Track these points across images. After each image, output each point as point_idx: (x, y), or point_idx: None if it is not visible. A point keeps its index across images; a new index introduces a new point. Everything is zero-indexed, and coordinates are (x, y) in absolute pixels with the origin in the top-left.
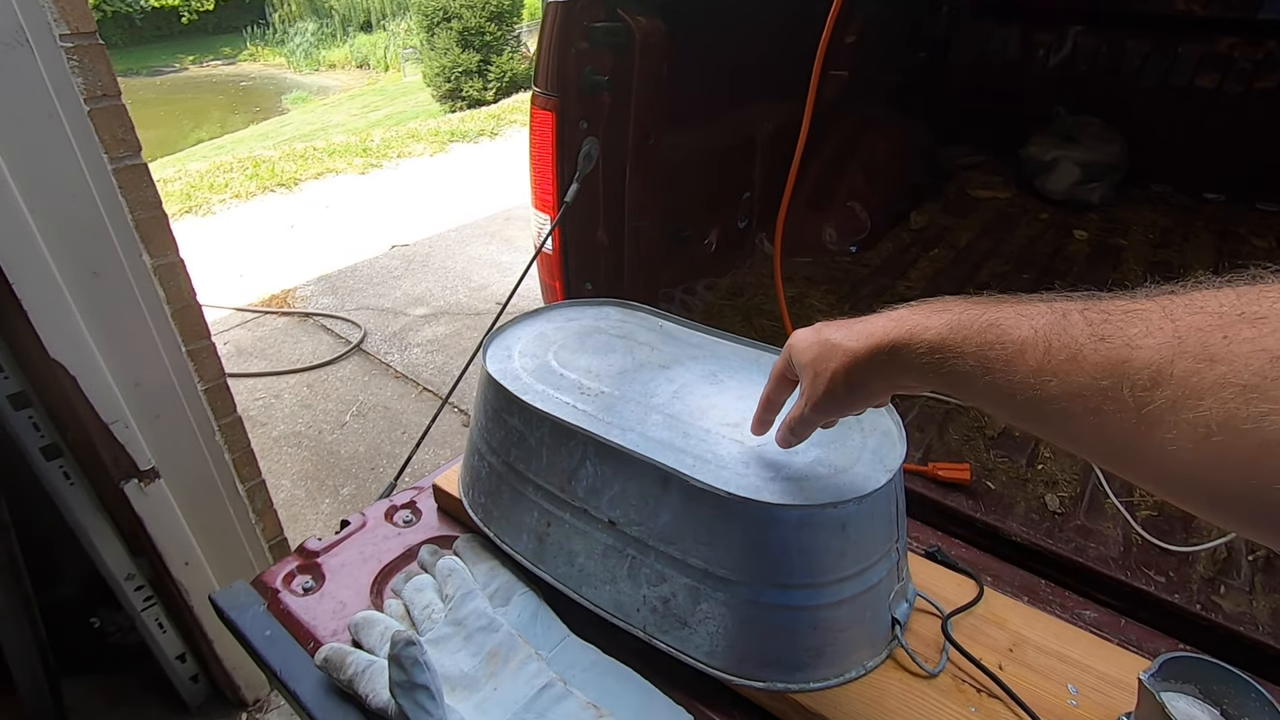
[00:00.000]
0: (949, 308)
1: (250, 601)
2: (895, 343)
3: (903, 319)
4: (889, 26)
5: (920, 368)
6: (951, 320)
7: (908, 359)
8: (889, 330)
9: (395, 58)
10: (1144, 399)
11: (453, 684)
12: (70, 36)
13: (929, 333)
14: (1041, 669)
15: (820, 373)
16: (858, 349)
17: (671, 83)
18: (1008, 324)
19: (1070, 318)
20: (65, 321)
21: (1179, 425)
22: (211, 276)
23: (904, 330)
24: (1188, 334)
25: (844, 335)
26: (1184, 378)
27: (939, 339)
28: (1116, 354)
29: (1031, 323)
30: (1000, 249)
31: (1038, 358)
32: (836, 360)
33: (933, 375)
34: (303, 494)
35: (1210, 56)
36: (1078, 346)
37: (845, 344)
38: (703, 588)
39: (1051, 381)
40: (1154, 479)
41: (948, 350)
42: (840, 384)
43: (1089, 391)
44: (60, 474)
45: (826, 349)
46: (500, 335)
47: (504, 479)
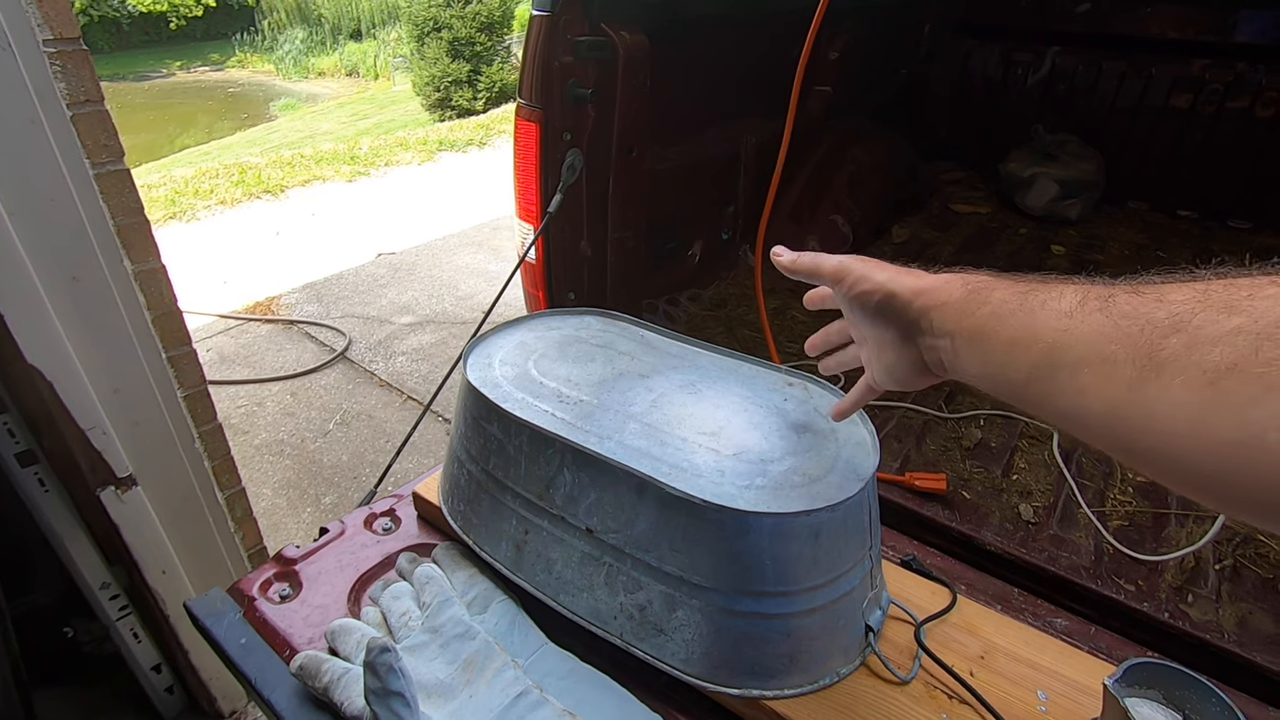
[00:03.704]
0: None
1: (226, 609)
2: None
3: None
4: (872, 44)
5: (964, 301)
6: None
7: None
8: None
9: (385, 66)
10: (1158, 345)
11: (428, 691)
12: (53, 42)
13: (971, 278)
14: (1012, 676)
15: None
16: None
17: (655, 96)
18: (1053, 281)
19: (1116, 286)
20: (43, 326)
21: (1186, 369)
22: (196, 283)
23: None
24: (1215, 292)
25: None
26: (1200, 326)
27: (983, 282)
28: (1145, 305)
29: (1077, 287)
30: (980, 263)
31: (1072, 302)
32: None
33: (973, 309)
34: (284, 503)
35: (1183, 78)
36: (1110, 295)
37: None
38: (678, 595)
39: (1081, 325)
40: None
41: (993, 289)
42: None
43: (1109, 334)
44: (35, 481)
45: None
46: (481, 344)
47: (483, 487)
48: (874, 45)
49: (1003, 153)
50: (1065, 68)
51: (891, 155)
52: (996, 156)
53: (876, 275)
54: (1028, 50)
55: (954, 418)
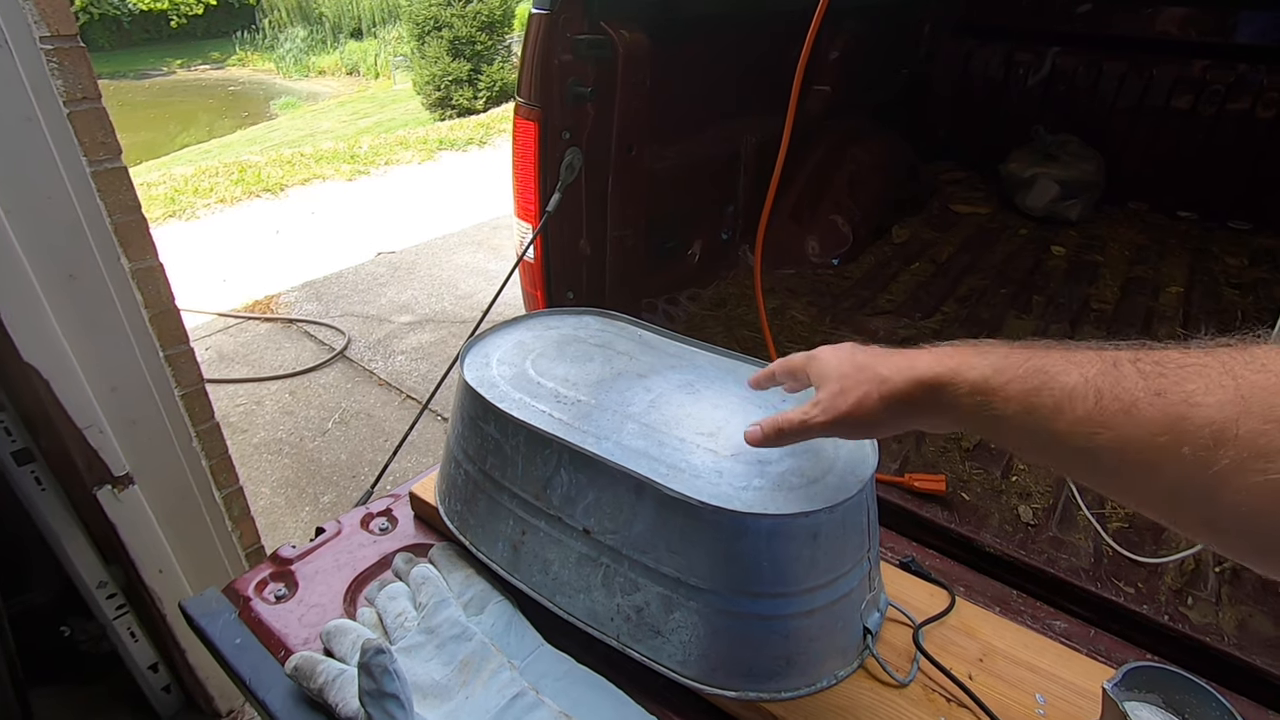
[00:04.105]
0: (992, 350)
1: (221, 609)
2: (938, 380)
3: (944, 356)
4: (872, 43)
5: (961, 409)
6: (995, 362)
7: (949, 399)
8: (931, 366)
9: (385, 65)
10: (1206, 458)
11: (424, 693)
12: (50, 39)
13: (973, 372)
14: (1010, 679)
15: (848, 390)
16: (897, 380)
17: (655, 95)
18: (1055, 370)
19: (1122, 368)
20: (40, 324)
21: (1249, 488)
22: (195, 281)
23: (947, 368)
24: (1251, 393)
25: (881, 363)
26: (1250, 439)
27: (982, 380)
28: (1174, 410)
29: (1081, 370)
30: (980, 263)
31: (1087, 407)
32: (872, 385)
33: (973, 418)
34: (283, 502)
35: (1184, 79)
36: (1131, 399)
37: (883, 371)
38: (675, 597)
39: (1102, 434)
40: (1217, 533)
41: (991, 393)
42: (870, 410)
43: (1145, 447)
44: (32, 479)
45: (862, 370)
46: (479, 343)
47: (480, 487)
48: (874, 45)
49: (1003, 153)
50: (1066, 68)
51: (891, 155)
52: (997, 157)
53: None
54: (1028, 50)
55: None
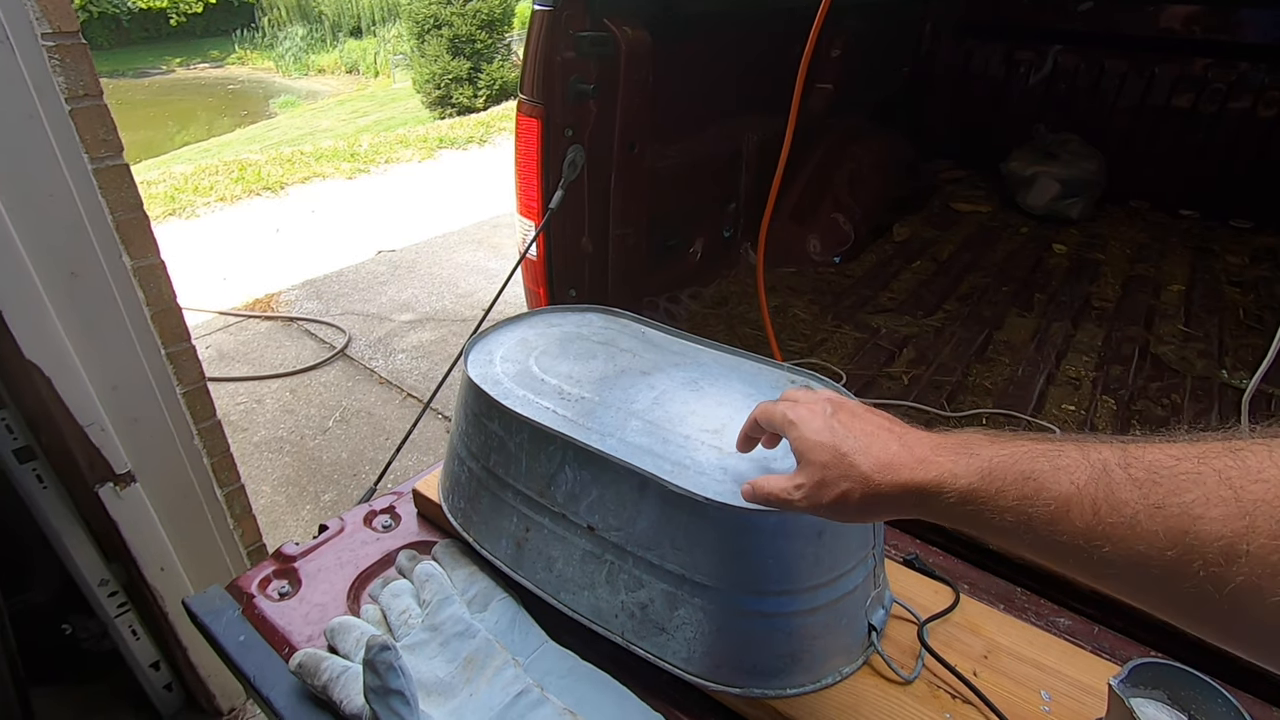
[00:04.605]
0: (975, 450)
1: (225, 606)
2: (923, 488)
3: (927, 462)
4: (874, 42)
5: (952, 515)
6: (981, 467)
7: (937, 506)
8: (915, 472)
9: (385, 64)
10: (1220, 575)
11: (428, 690)
12: (52, 35)
13: (959, 481)
14: (1015, 675)
15: (829, 483)
16: (880, 482)
17: (657, 92)
18: (1044, 477)
19: (1112, 474)
20: (42, 322)
21: (1269, 607)
22: (195, 280)
23: (931, 476)
24: (1255, 508)
25: (863, 457)
26: (1263, 556)
27: (970, 489)
28: (1177, 523)
29: (1071, 477)
30: (981, 262)
31: (1085, 519)
32: (853, 483)
33: (966, 523)
34: (283, 500)
35: (1186, 77)
36: (1131, 513)
37: (864, 469)
38: (680, 594)
39: (1105, 547)
40: (1240, 642)
41: (981, 502)
42: (853, 508)
43: (1152, 562)
44: (33, 477)
45: (841, 464)
46: (482, 340)
47: (483, 484)
48: (875, 43)
49: (1004, 151)
50: (1067, 66)
51: (893, 154)
52: (998, 155)
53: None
54: (1030, 49)
55: (957, 416)
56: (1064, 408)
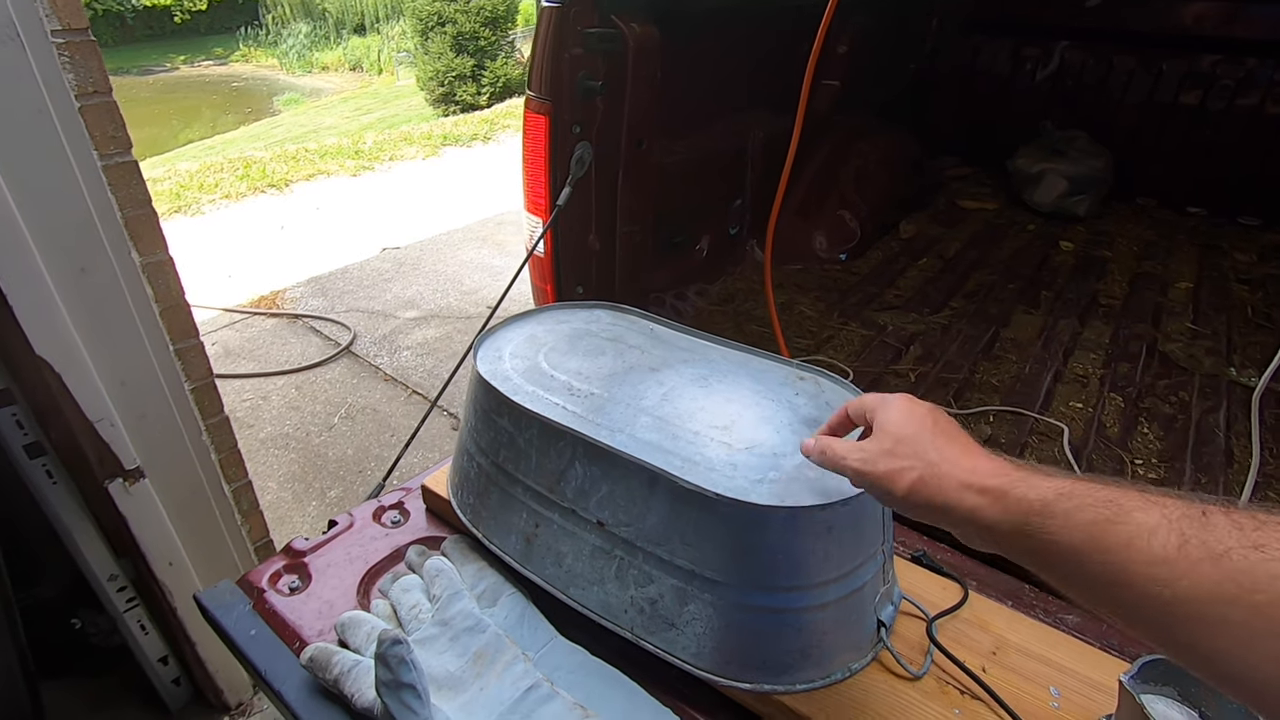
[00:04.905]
0: (1059, 473)
1: (235, 600)
2: (992, 490)
3: (1005, 469)
4: (881, 38)
5: (1016, 529)
6: (1062, 486)
7: (1001, 515)
8: (988, 477)
9: (389, 61)
10: None
11: (439, 684)
12: (62, 32)
13: (1032, 491)
14: (1024, 672)
15: (898, 457)
16: (949, 475)
17: (665, 89)
18: (1130, 504)
19: (1212, 516)
20: (52, 318)
21: None
22: (200, 277)
23: (1005, 481)
24: None
25: (940, 446)
26: None
27: (1041, 501)
28: (1276, 567)
29: (1162, 510)
30: (988, 259)
31: (1167, 549)
32: (923, 468)
33: (1029, 540)
34: (290, 496)
35: (1194, 74)
36: (1224, 549)
37: (934, 456)
38: (690, 589)
39: (1183, 581)
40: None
41: (1052, 516)
42: (907, 489)
43: (1235, 602)
44: (43, 472)
45: (915, 443)
46: (491, 336)
47: (493, 480)
48: (882, 40)
49: (1011, 149)
50: (1074, 63)
51: (899, 151)
52: (1005, 152)
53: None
54: (1037, 45)
55: (964, 413)
56: (1071, 405)
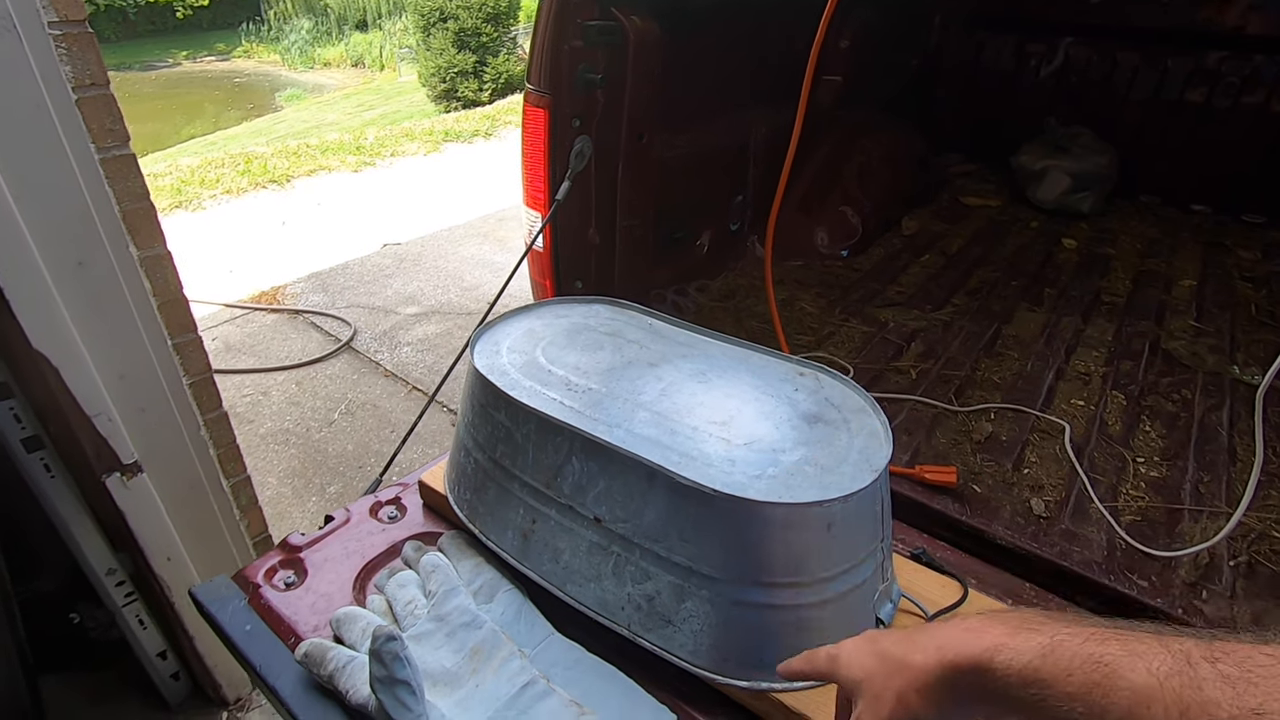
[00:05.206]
0: (1038, 626)
1: (231, 596)
2: (976, 663)
3: (980, 630)
4: (883, 33)
5: (1009, 699)
6: (1044, 645)
7: (993, 686)
8: (966, 644)
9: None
10: None
11: (434, 680)
12: (59, 24)
13: (1019, 658)
14: None
15: (882, 695)
16: (928, 665)
17: (665, 83)
18: (1118, 663)
19: (1199, 669)
20: (49, 312)
21: None
22: (201, 272)
23: (985, 647)
24: None
25: (907, 649)
26: None
27: (1031, 669)
28: None
29: (1148, 665)
30: (991, 256)
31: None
32: (902, 679)
33: (1024, 711)
34: (289, 491)
35: (1199, 71)
36: (1226, 717)
37: (910, 658)
38: (687, 586)
39: None
40: None
41: (1044, 685)
42: (912, 711)
43: None
44: (41, 466)
45: (887, 665)
46: (488, 331)
47: (490, 475)
48: (885, 35)
49: (1014, 145)
50: (1078, 59)
51: (902, 147)
52: (1008, 149)
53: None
54: (1041, 41)
55: (965, 410)
56: (1074, 403)
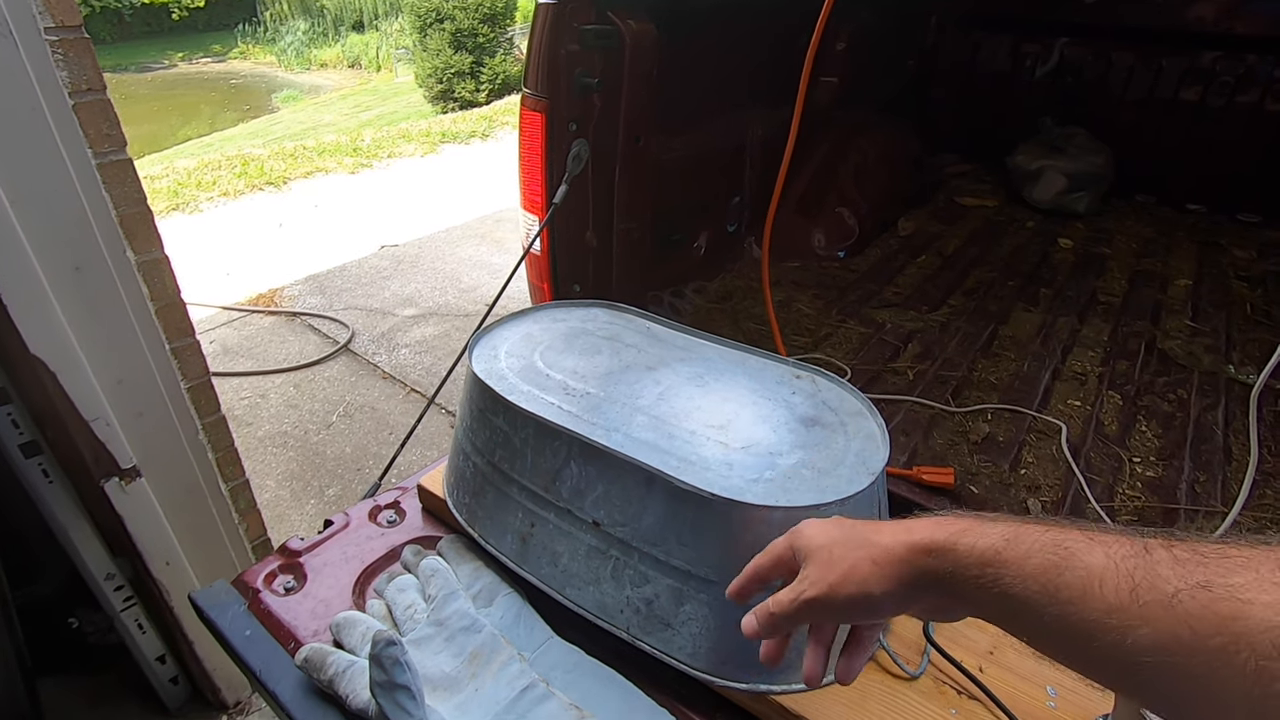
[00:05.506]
0: (999, 519)
1: (230, 601)
2: (938, 545)
3: (945, 523)
4: (880, 35)
5: (968, 582)
6: (1007, 532)
7: (954, 570)
8: (930, 532)
9: (387, 58)
10: (1270, 671)
11: (434, 685)
12: (55, 30)
13: (981, 540)
14: (1021, 671)
15: (837, 560)
16: (892, 546)
17: (662, 85)
18: (1076, 546)
19: (1154, 553)
20: (46, 317)
21: None
22: (198, 275)
23: (949, 533)
24: None
25: (874, 529)
26: None
27: (992, 550)
28: (1225, 607)
29: (1106, 550)
30: (987, 256)
31: (1120, 596)
32: (864, 551)
33: (982, 595)
34: (288, 495)
35: (1193, 70)
36: (1172, 590)
37: (876, 538)
38: (686, 589)
39: (1141, 629)
40: None
41: (1004, 565)
42: (862, 580)
43: (1194, 650)
44: (39, 472)
45: (852, 537)
46: (486, 335)
47: (488, 479)
48: (881, 36)
49: (1010, 145)
50: (1074, 60)
51: (898, 148)
52: (1004, 149)
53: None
54: (1036, 42)
55: (961, 411)
56: (1070, 403)
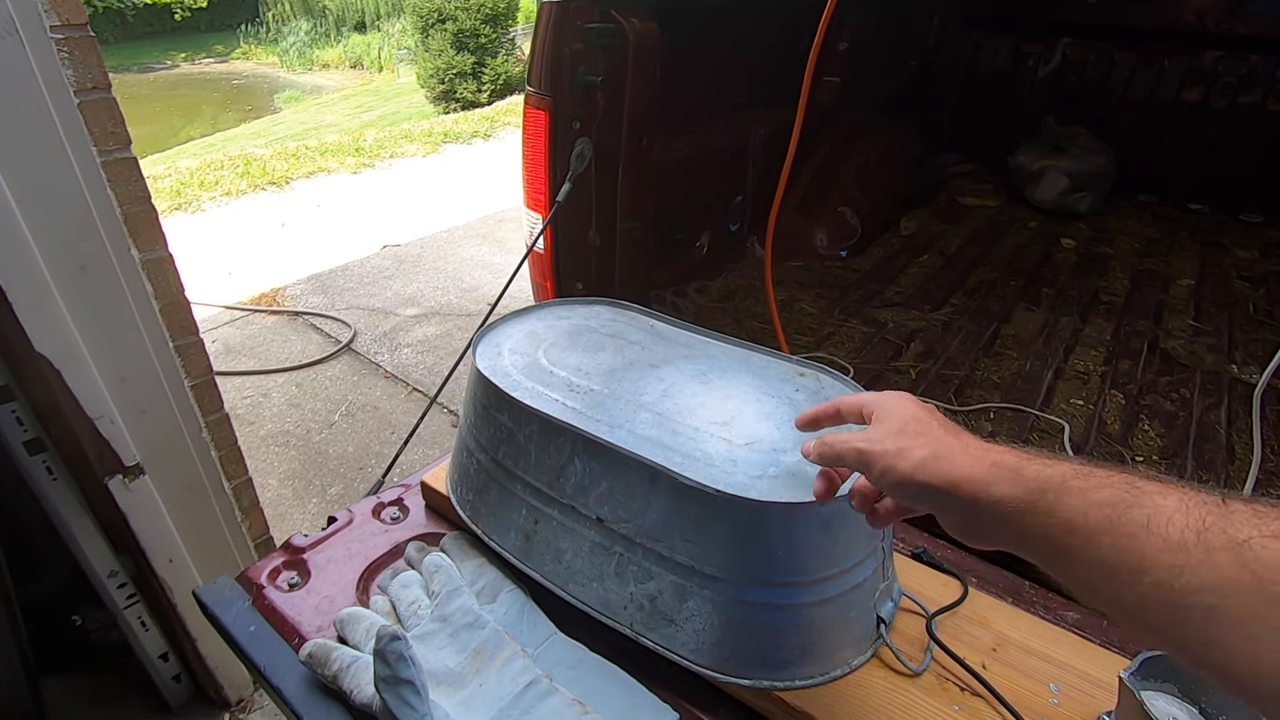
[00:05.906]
0: (1075, 459)
1: (235, 597)
2: (1012, 464)
3: (1018, 451)
4: (881, 35)
5: (1027, 505)
6: (1079, 467)
7: (1013, 490)
8: (1005, 451)
9: (389, 58)
10: None
11: (438, 680)
12: (61, 28)
13: (1050, 468)
14: (1024, 668)
15: (907, 435)
16: (961, 455)
17: (665, 85)
18: (1150, 488)
19: (1232, 505)
20: (51, 315)
21: None
22: (201, 274)
23: (1022, 457)
24: None
25: (953, 432)
26: None
27: (1060, 477)
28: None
29: (1181, 496)
30: (989, 256)
31: (1185, 535)
32: (935, 445)
33: (1039, 518)
34: (290, 493)
35: (1195, 70)
36: (1244, 538)
37: (953, 440)
38: (689, 585)
39: (1200, 569)
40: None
41: (1069, 491)
42: (916, 464)
43: (1251, 593)
44: (43, 469)
45: (931, 428)
46: (490, 332)
47: (492, 476)
48: (883, 36)
49: (1012, 145)
50: (1076, 60)
51: (900, 147)
52: (1006, 149)
53: (901, 465)
54: (1038, 42)
55: (964, 410)
56: (1072, 402)
